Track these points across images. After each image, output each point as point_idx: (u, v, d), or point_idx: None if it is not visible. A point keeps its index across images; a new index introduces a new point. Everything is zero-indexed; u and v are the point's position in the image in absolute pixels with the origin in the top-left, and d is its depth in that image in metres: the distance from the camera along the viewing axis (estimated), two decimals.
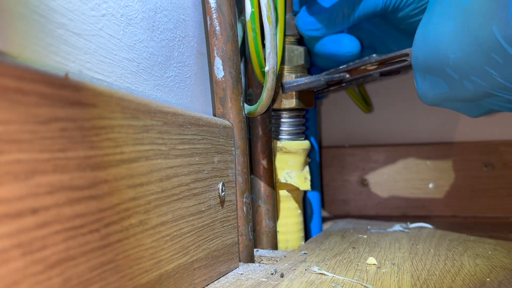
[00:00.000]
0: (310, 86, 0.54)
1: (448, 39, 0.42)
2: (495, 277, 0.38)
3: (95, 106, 0.24)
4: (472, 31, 0.40)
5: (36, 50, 0.26)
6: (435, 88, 0.46)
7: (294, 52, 0.56)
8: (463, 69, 0.42)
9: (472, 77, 0.42)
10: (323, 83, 0.54)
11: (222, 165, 0.41)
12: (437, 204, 0.75)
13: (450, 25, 0.42)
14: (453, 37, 0.42)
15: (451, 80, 0.44)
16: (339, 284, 0.37)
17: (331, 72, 0.55)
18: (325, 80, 0.54)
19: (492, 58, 0.40)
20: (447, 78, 0.44)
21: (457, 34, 0.42)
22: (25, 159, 0.19)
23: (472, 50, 0.41)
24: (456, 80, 0.43)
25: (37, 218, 0.20)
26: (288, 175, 0.56)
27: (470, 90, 0.43)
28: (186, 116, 0.35)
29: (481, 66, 0.41)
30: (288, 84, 0.55)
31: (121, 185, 0.26)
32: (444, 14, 0.43)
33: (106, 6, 0.32)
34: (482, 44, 0.40)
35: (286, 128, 0.57)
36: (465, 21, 0.41)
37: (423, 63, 0.46)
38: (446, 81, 0.44)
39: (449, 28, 0.42)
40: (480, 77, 0.41)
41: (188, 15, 0.45)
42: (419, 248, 0.50)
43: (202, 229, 0.36)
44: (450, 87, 0.45)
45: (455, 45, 0.42)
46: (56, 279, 0.21)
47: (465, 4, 0.41)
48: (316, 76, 0.55)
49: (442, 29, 0.43)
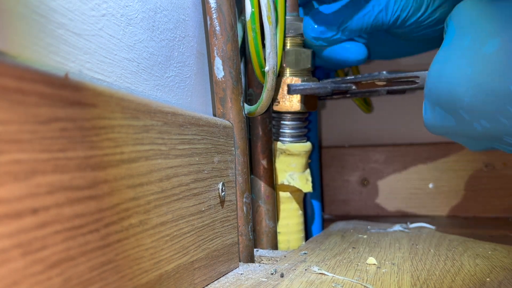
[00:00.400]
0: (315, 92, 0.54)
1: (465, 84, 0.42)
2: (495, 277, 0.38)
3: (95, 106, 0.24)
4: (491, 82, 0.40)
5: (36, 50, 0.26)
6: (443, 121, 0.46)
7: (301, 55, 0.56)
8: (476, 112, 0.42)
9: (482, 120, 0.42)
10: (329, 90, 0.54)
11: (222, 165, 0.41)
12: (437, 204, 0.75)
13: (468, 71, 0.42)
14: (470, 83, 0.41)
15: (461, 119, 0.44)
16: (339, 284, 0.37)
17: (338, 81, 0.55)
18: (331, 88, 0.54)
19: (507, 110, 0.39)
20: (457, 116, 0.44)
21: (475, 81, 0.41)
22: (25, 159, 0.19)
23: (488, 99, 0.40)
24: (466, 120, 0.43)
25: (37, 218, 0.20)
26: (291, 177, 0.56)
27: (478, 130, 0.43)
28: (186, 116, 0.35)
29: (494, 114, 0.41)
30: (294, 87, 0.55)
31: (121, 185, 0.26)
32: (464, 57, 0.42)
33: (106, 6, 0.32)
34: (499, 96, 0.40)
35: (290, 130, 0.57)
36: (484, 69, 0.41)
37: (436, 96, 0.45)
38: (455, 118, 0.44)
39: (467, 73, 0.42)
40: (490, 122, 0.41)
41: (188, 15, 0.45)
42: (419, 248, 0.50)
43: (202, 229, 0.36)
44: (458, 123, 0.44)
45: (471, 91, 0.41)
46: (56, 279, 0.21)
47: (487, 54, 0.41)
48: (323, 82, 0.55)
49: (459, 73, 0.42)
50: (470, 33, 0.43)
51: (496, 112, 0.40)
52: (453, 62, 0.43)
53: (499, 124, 0.41)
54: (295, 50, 0.55)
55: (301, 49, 0.56)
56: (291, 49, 0.55)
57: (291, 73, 0.56)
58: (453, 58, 0.44)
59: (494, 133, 0.42)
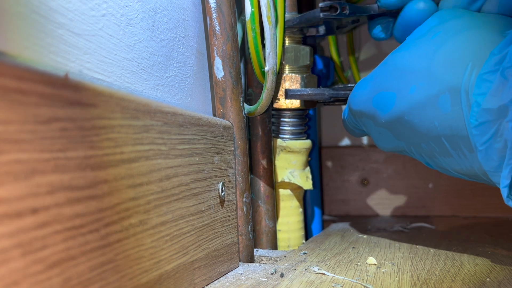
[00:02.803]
0: (313, 98, 0.54)
1: None
2: (495, 277, 0.38)
3: (95, 106, 0.24)
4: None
5: (36, 50, 0.26)
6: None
7: (300, 52, 0.56)
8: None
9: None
10: (327, 97, 0.54)
11: (222, 165, 0.41)
12: (437, 204, 0.75)
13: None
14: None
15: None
16: (339, 284, 0.37)
17: (337, 89, 0.55)
18: (329, 95, 0.54)
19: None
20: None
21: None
22: (25, 159, 0.19)
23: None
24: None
25: (37, 218, 0.20)
26: (292, 174, 0.56)
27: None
28: (186, 116, 0.35)
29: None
30: (291, 92, 0.55)
31: (121, 185, 0.26)
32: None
33: (106, 6, 0.32)
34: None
35: (290, 127, 0.57)
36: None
37: None
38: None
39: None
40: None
41: (188, 15, 0.45)
42: (419, 248, 0.50)
43: (202, 229, 0.36)
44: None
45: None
46: (56, 279, 0.21)
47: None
48: (321, 89, 0.55)
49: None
50: None
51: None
52: None
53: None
54: (294, 47, 0.56)
55: (300, 46, 0.56)
56: (290, 46, 0.56)
57: (290, 70, 0.56)
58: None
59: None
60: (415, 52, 0.42)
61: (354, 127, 0.50)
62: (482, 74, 0.36)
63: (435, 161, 0.43)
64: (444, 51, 0.40)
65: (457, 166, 0.41)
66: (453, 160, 0.41)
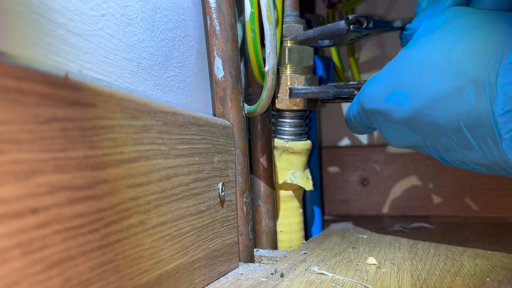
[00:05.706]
0: (317, 96, 0.55)
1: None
2: (495, 277, 0.38)
3: (95, 106, 0.24)
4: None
5: (36, 50, 0.26)
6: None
7: (305, 53, 0.56)
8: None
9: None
10: (331, 95, 0.54)
11: (222, 165, 0.41)
12: (437, 204, 0.75)
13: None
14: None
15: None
16: (339, 284, 0.37)
17: (341, 86, 0.55)
18: (333, 92, 0.54)
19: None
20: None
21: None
22: (25, 159, 0.19)
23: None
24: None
25: (37, 218, 0.20)
26: (293, 175, 0.56)
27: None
28: (186, 116, 0.35)
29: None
30: (296, 90, 0.55)
31: (121, 185, 0.26)
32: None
33: (106, 6, 0.32)
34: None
35: (291, 128, 0.57)
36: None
37: None
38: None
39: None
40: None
41: (188, 15, 0.45)
42: (419, 248, 0.50)
43: (202, 229, 0.36)
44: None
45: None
46: (56, 279, 0.21)
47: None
48: (325, 87, 0.55)
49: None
50: None
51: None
52: None
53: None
54: (298, 47, 0.56)
55: (303, 46, 0.56)
56: (294, 47, 0.56)
57: (293, 71, 0.56)
58: None
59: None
60: (431, 47, 0.43)
61: (361, 124, 0.50)
62: (507, 64, 0.37)
63: (453, 154, 0.43)
64: (464, 44, 0.40)
65: (476, 157, 0.41)
66: (473, 151, 0.41)
